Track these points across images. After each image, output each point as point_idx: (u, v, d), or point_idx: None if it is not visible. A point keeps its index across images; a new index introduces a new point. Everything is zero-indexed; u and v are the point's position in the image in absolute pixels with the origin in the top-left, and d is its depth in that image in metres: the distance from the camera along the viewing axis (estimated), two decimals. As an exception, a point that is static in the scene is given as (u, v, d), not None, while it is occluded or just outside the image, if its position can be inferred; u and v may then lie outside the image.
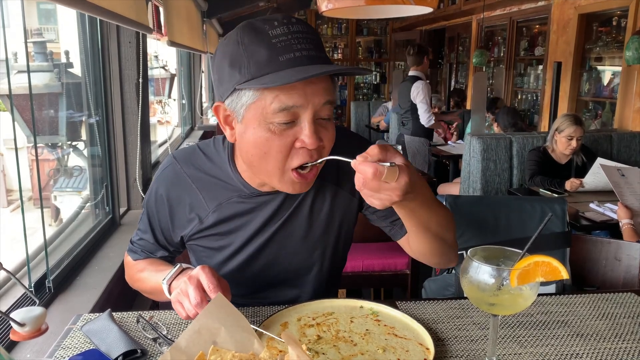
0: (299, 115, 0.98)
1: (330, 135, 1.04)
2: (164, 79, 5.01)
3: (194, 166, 1.18)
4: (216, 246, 1.21)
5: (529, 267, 0.88)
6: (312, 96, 0.96)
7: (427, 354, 1.00)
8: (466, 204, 1.64)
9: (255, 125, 0.99)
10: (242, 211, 1.17)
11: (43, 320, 0.88)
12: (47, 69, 2.34)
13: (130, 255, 1.29)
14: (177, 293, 0.98)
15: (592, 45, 5.23)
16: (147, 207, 1.23)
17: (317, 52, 0.97)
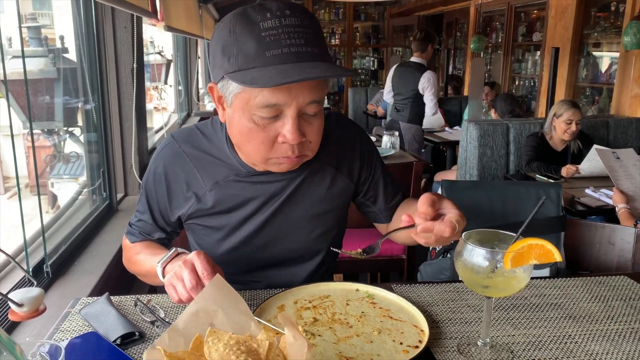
0: (283, 111, 0.99)
1: (316, 130, 1.05)
2: (160, 65, 4.98)
3: (192, 145, 1.19)
4: (214, 225, 1.22)
5: (523, 249, 0.90)
6: (296, 95, 0.97)
7: (421, 335, 1.01)
8: (462, 189, 1.65)
9: (240, 114, 1.02)
10: (239, 190, 1.18)
11: (41, 300, 0.89)
12: (41, 54, 2.33)
13: (128, 238, 1.29)
14: (171, 277, 0.97)
15: (590, 31, 5.21)
16: (145, 187, 1.24)
17: (308, 47, 0.96)
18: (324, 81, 1.02)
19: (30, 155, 2.73)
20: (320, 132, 1.08)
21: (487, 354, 0.97)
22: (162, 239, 1.27)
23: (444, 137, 5.04)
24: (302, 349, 0.79)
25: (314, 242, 1.27)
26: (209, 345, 0.82)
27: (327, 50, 1.02)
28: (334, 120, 1.25)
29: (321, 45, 0.99)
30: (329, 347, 0.97)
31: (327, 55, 1.01)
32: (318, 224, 1.25)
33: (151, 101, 5.13)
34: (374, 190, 1.31)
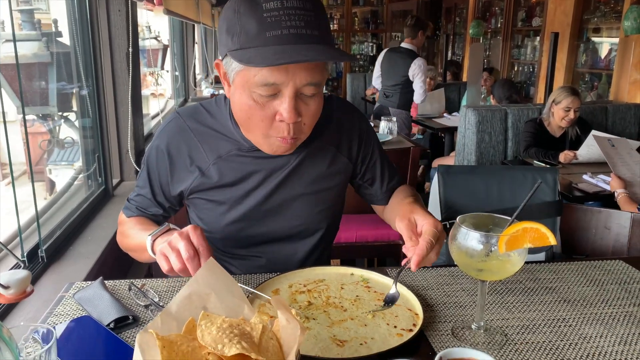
0: (281, 90, 1.02)
1: (312, 112, 1.08)
2: (157, 50, 4.93)
3: (197, 121, 1.22)
4: (217, 198, 1.24)
5: (517, 233, 0.89)
6: (293, 75, 1.00)
7: (416, 319, 1.01)
8: (458, 174, 1.64)
9: (241, 91, 1.05)
10: (241, 164, 1.21)
11: (27, 282, 0.88)
12: (35, 38, 2.30)
13: (124, 212, 1.30)
14: (164, 247, 0.97)
15: (590, 16, 5.18)
16: (147, 161, 1.25)
17: (308, 29, 0.98)
18: (323, 64, 1.04)
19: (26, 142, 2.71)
20: (317, 114, 1.10)
21: (481, 337, 0.97)
22: (157, 215, 1.28)
23: (443, 123, 5.02)
24: (295, 332, 0.79)
25: (313, 219, 1.29)
26: (202, 328, 0.81)
27: (328, 34, 1.03)
28: (335, 103, 1.29)
29: (322, 29, 1.01)
30: (323, 331, 0.97)
31: (328, 39, 1.02)
32: (317, 201, 1.28)
33: (148, 87, 5.09)
34: (371, 172, 1.34)
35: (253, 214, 1.24)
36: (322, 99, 1.10)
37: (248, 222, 1.25)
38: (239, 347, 0.76)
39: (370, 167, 1.34)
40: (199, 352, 0.80)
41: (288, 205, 1.26)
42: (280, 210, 1.26)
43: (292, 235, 1.30)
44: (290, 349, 0.80)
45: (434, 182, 1.66)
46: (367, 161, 1.33)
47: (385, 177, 1.35)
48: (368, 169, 1.34)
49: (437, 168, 1.63)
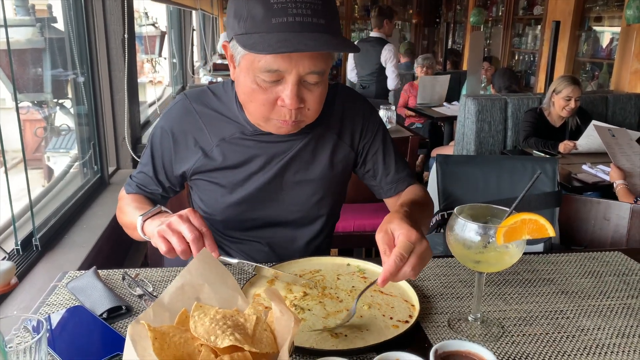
0: (284, 77, 1.03)
1: (315, 98, 1.08)
2: (154, 37, 4.88)
3: (203, 103, 1.23)
4: (219, 180, 1.24)
5: (516, 224, 0.88)
6: (297, 63, 1.00)
7: (412, 310, 1.00)
8: (457, 164, 1.63)
9: (245, 74, 1.06)
10: (244, 147, 1.22)
11: (12, 274, 0.87)
12: (29, 24, 2.26)
13: (125, 189, 1.31)
14: (163, 229, 0.97)
15: (591, 5, 5.13)
16: (151, 140, 1.26)
17: (314, 18, 0.98)
18: (329, 53, 1.04)
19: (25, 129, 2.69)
20: (321, 100, 1.10)
21: (477, 329, 0.96)
22: (156, 194, 1.29)
23: (442, 112, 4.98)
24: (289, 323, 0.78)
25: (314, 207, 1.29)
26: (194, 319, 0.80)
27: (335, 23, 1.03)
28: (340, 91, 1.28)
29: (328, 18, 1.00)
30: (318, 322, 0.96)
31: (334, 28, 1.02)
32: (318, 188, 1.28)
33: (146, 75, 5.05)
34: (372, 162, 1.31)
35: (254, 198, 1.25)
36: (326, 85, 1.11)
37: (248, 205, 1.26)
38: (232, 339, 0.75)
39: (372, 156, 1.30)
40: (192, 344, 0.79)
41: (288, 191, 1.26)
42: (280, 195, 1.26)
43: (292, 221, 1.30)
44: (284, 340, 0.79)
45: (432, 171, 1.64)
46: (369, 150, 1.30)
47: (390, 169, 1.31)
48: (369, 159, 1.31)
49: (436, 157, 1.61)
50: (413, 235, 0.92)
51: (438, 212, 1.56)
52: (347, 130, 1.27)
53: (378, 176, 1.32)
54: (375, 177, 1.32)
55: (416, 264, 0.91)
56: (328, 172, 1.27)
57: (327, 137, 1.25)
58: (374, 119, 1.31)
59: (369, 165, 1.31)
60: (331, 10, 1.02)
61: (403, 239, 0.92)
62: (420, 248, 0.92)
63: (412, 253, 0.91)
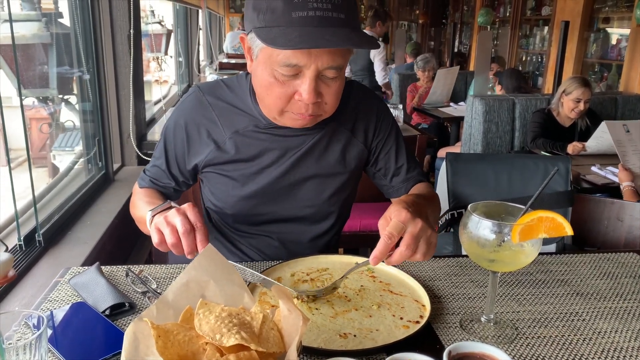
0: (302, 71, 1.02)
1: (333, 93, 1.07)
2: (160, 35, 4.86)
3: (216, 96, 1.22)
4: (231, 173, 1.23)
5: (532, 222, 0.85)
6: (316, 58, 0.99)
7: (422, 310, 0.97)
8: (467, 162, 1.60)
9: (263, 68, 1.05)
10: (257, 140, 1.20)
11: (9, 266, 0.84)
12: (35, 18, 2.25)
13: (138, 183, 1.30)
14: (160, 221, 0.96)
15: (601, 5, 5.08)
16: (165, 133, 1.26)
17: (334, 12, 0.97)
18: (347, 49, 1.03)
19: (31, 127, 2.67)
20: (338, 95, 1.10)
21: (490, 330, 0.93)
22: (168, 188, 1.28)
23: (449, 112, 4.94)
24: (297, 322, 0.75)
25: (325, 203, 1.27)
26: (199, 317, 0.78)
27: (355, 17, 1.02)
28: (354, 88, 1.28)
29: (349, 12, 0.99)
30: (326, 321, 0.93)
31: (354, 23, 1.01)
32: (330, 185, 1.26)
33: (152, 73, 5.04)
34: (384, 161, 1.30)
35: (265, 192, 1.23)
36: (343, 80, 1.10)
37: (260, 199, 1.24)
38: (238, 338, 0.73)
39: (384, 155, 1.29)
40: (196, 342, 0.76)
41: (300, 186, 1.24)
42: (292, 190, 1.24)
43: (303, 217, 1.28)
44: (291, 340, 0.76)
45: (441, 170, 1.61)
46: (381, 149, 1.29)
47: (402, 169, 1.29)
48: (381, 158, 1.29)
49: (445, 156, 1.58)
50: (403, 215, 0.92)
51: (448, 211, 1.53)
52: (360, 127, 1.26)
53: (389, 175, 1.31)
54: (386, 177, 1.31)
55: (411, 243, 0.91)
56: (340, 169, 1.25)
57: (341, 134, 1.24)
58: (388, 118, 1.30)
59: (381, 164, 1.30)
60: (351, 4, 1.00)
61: (394, 219, 0.93)
62: (413, 228, 0.91)
63: (406, 233, 0.91)
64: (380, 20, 5.24)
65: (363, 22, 10.03)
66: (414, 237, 0.91)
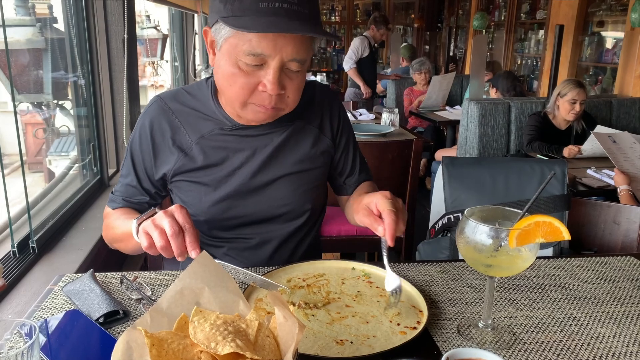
0: (267, 62, 1.04)
1: (296, 86, 1.10)
2: (156, 40, 4.86)
3: (178, 102, 1.22)
4: (201, 179, 1.22)
5: (529, 227, 0.84)
6: (281, 48, 1.02)
7: (420, 316, 0.96)
8: (463, 166, 1.59)
9: (227, 58, 1.06)
10: (224, 143, 1.21)
11: (-1, 275, 0.83)
12: (29, 24, 2.24)
13: (109, 205, 1.28)
14: (147, 224, 0.94)
15: (595, 9, 5.10)
16: (131, 147, 1.24)
17: (300, 7, 1.01)
18: (310, 43, 1.07)
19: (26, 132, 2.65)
20: (300, 89, 1.12)
21: (488, 335, 0.92)
22: (143, 204, 1.25)
23: (444, 116, 4.95)
24: (293, 329, 0.74)
25: (298, 200, 1.27)
26: (194, 325, 0.77)
27: (317, 14, 1.07)
28: (319, 88, 1.32)
29: (312, 8, 1.04)
30: (323, 328, 0.93)
31: (317, 19, 1.06)
32: (301, 181, 1.27)
33: (147, 78, 5.03)
34: (343, 161, 1.35)
35: (238, 194, 1.23)
36: (305, 75, 1.13)
37: (233, 202, 1.23)
38: (233, 346, 0.72)
39: (343, 155, 1.34)
40: (191, 351, 0.75)
41: (272, 185, 1.24)
42: (265, 190, 1.24)
43: (278, 216, 1.27)
44: (288, 347, 0.75)
45: (437, 173, 1.61)
46: (342, 149, 1.33)
47: (356, 170, 1.36)
48: (340, 157, 1.34)
49: (442, 160, 1.58)
50: (387, 194, 1.02)
51: (444, 215, 1.52)
52: (326, 124, 1.29)
53: (344, 175, 1.36)
54: (341, 176, 1.36)
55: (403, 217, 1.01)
56: (311, 165, 1.27)
57: (308, 130, 1.27)
58: (347, 119, 1.36)
59: (340, 163, 1.35)
60: (314, 2, 1.05)
61: (383, 199, 1.01)
62: (398, 204, 1.02)
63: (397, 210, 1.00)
64: (374, 26, 5.56)
65: (358, 26, 10.09)
66: (403, 212, 1.01)
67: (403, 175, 2.43)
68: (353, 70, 5.56)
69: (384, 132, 2.94)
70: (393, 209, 0.99)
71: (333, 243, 2.40)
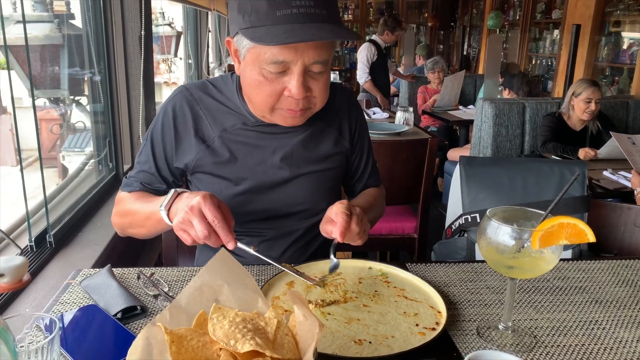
0: (290, 67, 1.05)
1: (322, 86, 1.10)
2: (170, 37, 4.88)
3: (203, 92, 1.23)
4: (221, 173, 1.22)
5: (553, 228, 0.83)
6: (302, 53, 1.03)
7: (438, 317, 0.95)
8: (481, 165, 1.57)
9: (251, 68, 1.08)
10: (246, 139, 1.21)
11: (24, 271, 0.83)
12: (47, 20, 2.25)
13: (124, 190, 1.25)
14: (180, 222, 0.95)
15: (612, 9, 5.04)
16: (152, 134, 1.23)
17: (317, 9, 1.01)
18: (331, 42, 1.08)
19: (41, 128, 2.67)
20: (326, 88, 1.13)
21: (508, 338, 0.91)
22: (160, 192, 1.24)
23: (458, 115, 4.92)
24: (313, 328, 0.74)
25: (316, 199, 1.28)
26: (213, 322, 0.76)
27: (335, 13, 1.06)
28: (339, 91, 1.32)
29: (330, 8, 1.04)
30: (341, 327, 0.92)
31: (335, 18, 1.05)
32: (320, 181, 1.28)
33: (161, 75, 5.05)
34: (357, 163, 1.36)
35: (256, 190, 1.23)
36: (329, 73, 1.13)
37: (250, 197, 1.24)
38: (253, 344, 0.71)
39: (357, 158, 1.36)
40: (210, 348, 0.75)
41: (290, 183, 1.25)
42: (282, 187, 1.25)
43: (294, 213, 1.28)
44: (307, 346, 0.75)
45: (455, 173, 1.59)
46: (357, 153, 1.35)
47: (366, 175, 1.38)
48: (355, 161, 1.35)
49: (459, 159, 1.56)
50: (344, 201, 1.06)
51: (461, 215, 1.51)
52: (345, 126, 1.30)
53: (354, 178, 1.38)
54: (352, 179, 1.38)
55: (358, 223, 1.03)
56: (329, 165, 1.28)
57: (328, 132, 1.28)
58: (364, 123, 1.36)
59: (353, 166, 1.36)
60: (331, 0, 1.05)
61: (338, 205, 1.05)
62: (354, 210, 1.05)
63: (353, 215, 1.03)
64: (388, 30, 5.30)
65: (371, 25, 10.06)
66: (358, 217, 1.04)
67: (416, 175, 2.42)
68: (369, 83, 5.29)
69: (398, 131, 2.92)
70: (344, 212, 1.02)
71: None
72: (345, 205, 1.04)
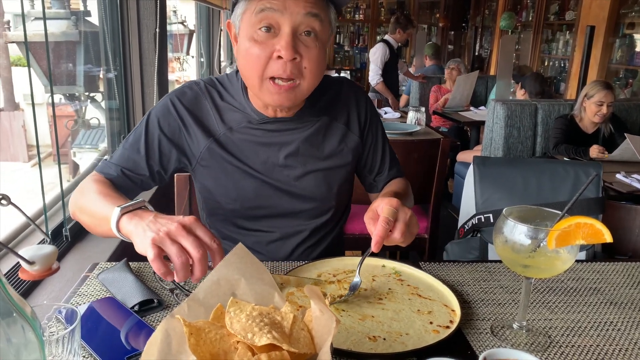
0: (280, 25, 1.05)
1: (312, 55, 1.08)
2: (183, 35, 4.91)
3: (212, 91, 1.24)
4: (227, 169, 1.22)
5: (570, 228, 0.83)
6: (291, 4, 1.04)
7: (452, 315, 0.96)
8: (495, 166, 1.57)
9: (243, 36, 1.10)
10: (252, 137, 1.21)
11: (54, 259, 0.84)
12: (64, 17, 2.28)
13: (102, 172, 1.17)
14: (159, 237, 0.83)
15: (627, 10, 5.00)
16: (149, 120, 1.19)
17: None
18: (322, 4, 1.08)
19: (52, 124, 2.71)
20: (318, 63, 1.10)
21: (523, 337, 0.91)
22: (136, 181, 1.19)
23: (469, 116, 4.90)
24: (330, 323, 0.74)
25: (324, 197, 1.27)
26: (230, 315, 0.77)
27: None
28: (345, 83, 1.32)
29: None
30: (355, 324, 0.93)
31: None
32: (328, 178, 1.26)
33: (173, 72, 5.08)
34: (372, 158, 1.34)
35: (263, 188, 1.23)
36: (323, 50, 1.11)
37: (258, 194, 1.23)
38: (270, 337, 0.72)
39: (372, 152, 1.33)
40: (228, 340, 0.76)
41: (298, 181, 1.24)
42: (290, 185, 1.24)
43: (302, 211, 1.27)
44: (323, 340, 0.75)
45: (468, 173, 1.59)
46: (371, 145, 1.33)
47: (385, 166, 1.35)
48: (369, 154, 1.33)
49: (473, 159, 1.56)
50: (394, 202, 0.98)
51: (474, 215, 1.51)
52: (354, 120, 1.29)
53: (374, 172, 1.35)
54: (371, 173, 1.35)
55: (404, 230, 0.96)
56: (338, 162, 1.27)
57: (336, 127, 1.26)
58: (376, 115, 1.34)
59: (369, 160, 1.34)
60: None
61: (387, 207, 0.97)
62: (403, 214, 0.97)
63: (397, 219, 0.97)
64: (400, 28, 5.29)
65: (382, 24, 10.05)
66: (405, 224, 0.97)
67: (428, 175, 2.41)
68: (381, 84, 5.29)
69: (410, 131, 2.92)
70: (389, 218, 0.96)
71: (357, 240, 2.39)
72: (391, 210, 0.96)
